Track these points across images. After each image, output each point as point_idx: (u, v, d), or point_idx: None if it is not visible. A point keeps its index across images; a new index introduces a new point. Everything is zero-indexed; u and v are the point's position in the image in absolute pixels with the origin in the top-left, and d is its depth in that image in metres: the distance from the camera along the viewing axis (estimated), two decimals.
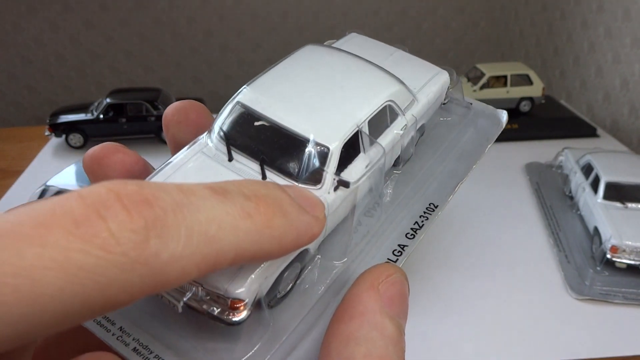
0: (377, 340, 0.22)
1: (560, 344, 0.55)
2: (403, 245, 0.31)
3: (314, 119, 0.29)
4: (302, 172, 0.28)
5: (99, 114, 1.00)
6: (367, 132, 0.30)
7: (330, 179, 0.28)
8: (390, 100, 0.32)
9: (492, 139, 0.39)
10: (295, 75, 0.31)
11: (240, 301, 0.24)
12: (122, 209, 0.17)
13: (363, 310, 0.23)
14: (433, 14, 1.49)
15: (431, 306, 0.60)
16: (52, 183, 0.70)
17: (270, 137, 0.28)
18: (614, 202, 0.69)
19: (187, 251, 0.17)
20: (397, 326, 0.23)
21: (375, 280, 0.24)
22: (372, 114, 0.30)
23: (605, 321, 0.58)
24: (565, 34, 1.27)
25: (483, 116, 0.41)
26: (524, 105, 1.08)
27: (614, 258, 0.63)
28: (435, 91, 0.37)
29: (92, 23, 1.39)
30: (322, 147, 0.28)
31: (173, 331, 0.25)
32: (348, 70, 0.33)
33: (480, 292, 0.62)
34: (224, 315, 0.24)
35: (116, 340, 0.25)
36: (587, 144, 0.99)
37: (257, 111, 0.29)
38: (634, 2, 1.02)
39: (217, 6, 1.41)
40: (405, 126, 0.33)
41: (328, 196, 0.28)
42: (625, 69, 1.06)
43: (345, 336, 0.22)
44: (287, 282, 0.28)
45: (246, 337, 0.25)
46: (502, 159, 0.96)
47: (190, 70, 1.48)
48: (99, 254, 0.16)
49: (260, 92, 0.30)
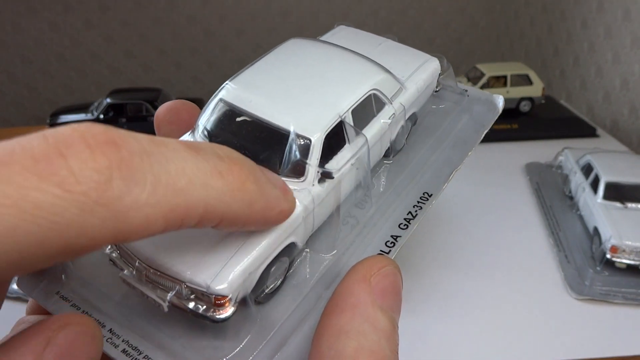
0: (369, 333, 0.21)
1: (560, 344, 0.55)
2: (396, 236, 0.30)
3: (295, 112, 0.28)
4: (284, 165, 0.27)
5: (99, 114, 1.00)
6: (352, 123, 0.29)
7: (314, 171, 0.27)
8: (375, 89, 0.31)
9: (488, 124, 0.38)
10: (278, 69, 0.31)
11: (224, 297, 0.24)
12: (85, 147, 0.16)
13: (355, 303, 0.22)
14: (433, 14, 1.49)
15: (431, 306, 0.60)
16: None
17: (252, 132, 0.28)
18: (613, 202, 0.69)
19: (152, 199, 0.17)
20: (389, 319, 0.23)
21: (367, 273, 0.23)
22: (356, 104, 0.30)
23: (605, 321, 0.58)
24: (565, 34, 1.27)
25: (479, 102, 0.40)
26: (524, 105, 1.08)
27: (614, 258, 0.63)
28: (424, 78, 0.37)
29: (92, 23, 1.39)
30: (303, 139, 0.27)
31: (161, 331, 0.25)
32: (331, 62, 0.32)
33: (480, 292, 0.62)
34: (209, 313, 0.24)
35: (106, 342, 0.25)
36: (587, 144, 0.99)
37: (239, 107, 0.29)
38: (634, 2, 1.02)
39: (217, 6, 1.41)
40: (394, 115, 0.33)
41: (312, 188, 0.27)
42: (625, 69, 1.06)
43: (336, 329, 0.21)
44: (275, 277, 0.27)
45: (233, 334, 0.25)
46: (502, 159, 0.96)
47: (190, 70, 1.48)
48: (57, 192, 0.15)
49: (243, 88, 0.30)
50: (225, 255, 0.24)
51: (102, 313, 0.26)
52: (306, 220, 0.27)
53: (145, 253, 0.25)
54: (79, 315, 0.20)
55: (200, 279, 0.23)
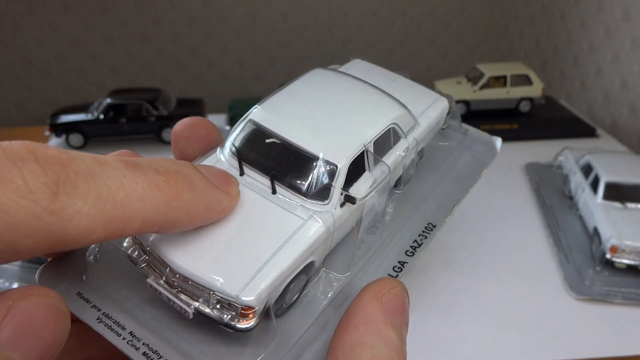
0: (381, 347, 0.23)
1: (560, 344, 0.55)
2: (403, 262, 0.32)
3: (323, 138, 0.30)
4: (311, 188, 0.29)
5: (99, 114, 1.00)
6: (373, 152, 0.31)
7: (338, 195, 0.29)
8: (395, 123, 0.34)
9: (487, 164, 0.41)
10: (305, 96, 0.33)
11: (251, 309, 0.25)
12: (37, 165, 0.19)
13: (368, 319, 0.24)
14: (433, 14, 1.49)
15: (431, 306, 0.60)
16: None
17: (280, 153, 0.30)
18: (613, 202, 0.69)
19: (93, 210, 0.19)
20: (399, 336, 0.25)
21: (379, 292, 0.25)
22: (378, 135, 0.32)
23: (605, 321, 0.58)
24: (565, 34, 1.27)
25: (479, 143, 0.43)
26: (523, 105, 1.08)
27: (614, 258, 0.63)
28: (435, 116, 0.39)
29: (92, 23, 1.39)
30: (330, 165, 0.29)
31: (181, 337, 0.26)
32: (355, 93, 0.34)
33: (480, 291, 0.62)
34: (234, 322, 0.25)
35: (127, 344, 0.25)
36: (586, 144, 0.99)
37: (269, 129, 0.30)
38: (634, 3, 1.02)
39: (217, 7, 1.41)
40: (407, 148, 0.35)
41: (335, 211, 0.29)
42: (625, 69, 1.06)
43: (351, 343, 0.23)
44: (294, 293, 0.28)
45: (254, 344, 0.26)
46: (502, 159, 0.95)
47: (190, 70, 1.48)
48: (12, 197, 0.18)
49: (272, 111, 0.31)
50: (253, 267, 0.26)
51: (123, 313, 0.26)
52: (326, 241, 0.29)
53: (177, 260, 0.26)
54: (43, 287, 0.21)
55: (231, 290, 0.25)
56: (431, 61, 1.53)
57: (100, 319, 0.25)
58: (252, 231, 0.27)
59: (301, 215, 0.28)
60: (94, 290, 0.27)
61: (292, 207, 0.29)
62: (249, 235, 0.27)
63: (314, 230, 0.28)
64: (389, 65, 0.42)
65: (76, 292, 0.27)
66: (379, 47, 1.49)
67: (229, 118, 1.04)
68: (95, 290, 0.27)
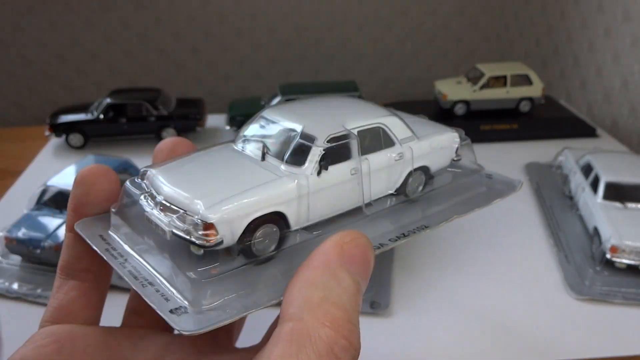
0: (334, 288, 0.25)
1: (560, 344, 0.55)
2: (382, 243, 0.35)
3: (309, 120, 0.37)
4: (290, 155, 0.35)
5: (99, 114, 1.00)
6: (358, 143, 0.36)
7: (313, 163, 0.35)
8: (383, 124, 0.39)
9: (502, 195, 0.44)
10: (309, 103, 0.41)
11: (212, 226, 0.30)
12: None
13: (326, 262, 0.26)
14: (433, 14, 1.49)
15: (430, 305, 0.60)
16: (52, 183, 0.70)
17: (275, 132, 0.37)
18: (613, 202, 0.69)
19: None
20: (354, 282, 0.27)
21: (341, 240, 0.27)
22: (362, 127, 0.37)
23: (605, 321, 0.58)
24: (565, 34, 1.27)
25: (501, 183, 0.47)
26: (524, 105, 1.08)
27: (614, 258, 0.63)
28: (440, 140, 0.43)
29: (92, 23, 1.39)
30: (309, 138, 0.35)
31: (160, 258, 0.32)
32: (352, 104, 0.41)
33: (479, 291, 0.62)
34: (199, 239, 0.30)
35: (119, 264, 0.32)
36: (587, 144, 0.99)
37: (269, 117, 0.38)
38: (634, 2, 1.02)
39: (217, 6, 1.41)
40: (401, 154, 0.40)
41: (310, 176, 0.34)
42: (625, 69, 1.06)
43: (306, 281, 0.26)
44: (265, 240, 0.33)
45: (216, 260, 0.32)
46: (502, 159, 0.96)
47: (190, 70, 1.48)
48: None
49: (278, 109, 0.39)
50: (222, 197, 0.31)
51: (124, 247, 0.33)
52: (300, 200, 0.34)
53: (164, 187, 0.33)
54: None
55: (197, 208, 0.31)
56: (431, 61, 1.53)
57: (107, 249, 0.33)
58: (233, 178, 0.34)
59: (277, 173, 0.34)
60: (111, 234, 0.34)
61: (273, 169, 0.35)
62: (228, 181, 0.33)
63: (284, 183, 0.33)
64: (389, 65, 0.44)
65: (98, 234, 0.34)
66: (379, 47, 1.49)
67: (229, 118, 1.04)
68: (111, 232, 0.34)
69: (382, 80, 1.52)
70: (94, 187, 0.34)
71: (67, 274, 0.33)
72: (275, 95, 1.06)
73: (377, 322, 0.57)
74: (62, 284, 0.33)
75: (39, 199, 0.69)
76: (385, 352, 0.54)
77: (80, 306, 0.33)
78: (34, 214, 0.67)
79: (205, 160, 0.36)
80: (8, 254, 0.65)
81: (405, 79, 1.53)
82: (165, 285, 0.30)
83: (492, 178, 0.46)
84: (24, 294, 0.60)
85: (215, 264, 0.31)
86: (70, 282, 0.33)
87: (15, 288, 0.61)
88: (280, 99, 1.03)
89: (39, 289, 0.61)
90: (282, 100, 1.03)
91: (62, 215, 0.66)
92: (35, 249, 0.62)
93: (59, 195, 0.69)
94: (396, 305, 0.59)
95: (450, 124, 0.46)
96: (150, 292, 0.29)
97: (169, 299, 0.29)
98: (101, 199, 0.34)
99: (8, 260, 0.65)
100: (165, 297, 0.29)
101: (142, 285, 0.30)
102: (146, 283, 0.30)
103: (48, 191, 0.70)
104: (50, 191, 0.69)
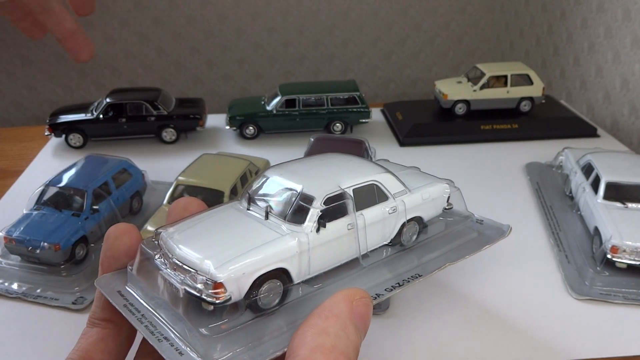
0: (343, 339, 0.29)
1: (560, 344, 0.55)
2: (379, 294, 0.39)
3: (307, 180, 0.40)
4: (291, 215, 0.38)
5: (99, 113, 1.00)
6: (353, 200, 0.40)
7: (312, 221, 0.38)
8: (377, 180, 0.42)
9: (491, 241, 0.48)
10: (305, 160, 0.45)
11: (221, 285, 0.33)
12: None
13: (338, 314, 0.30)
14: (433, 14, 1.49)
15: (430, 306, 0.60)
16: (51, 183, 0.70)
17: (277, 192, 0.40)
18: (614, 202, 0.69)
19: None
20: (359, 336, 0.30)
21: (351, 296, 0.31)
22: (357, 186, 0.41)
23: (605, 321, 0.58)
24: (565, 34, 1.27)
25: (490, 229, 0.50)
26: (524, 105, 1.08)
27: (614, 258, 0.63)
28: (431, 192, 0.47)
29: (92, 23, 1.39)
30: (308, 198, 0.39)
31: (176, 316, 0.35)
32: (348, 162, 0.45)
33: (479, 291, 0.62)
34: (209, 296, 0.33)
35: (136, 320, 0.35)
36: (587, 144, 0.99)
37: (271, 177, 0.42)
38: (634, 2, 1.02)
39: (217, 6, 1.41)
40: (395, 207, 0.43)
41: (310, 233, 0.38)
42: (625, 69, 1.06)
43: (319, 328, 0.29)
44: (269, 294, 0.36)
45: (228, 320, 0.35)
46: (502, 159, 0.96)
47: (190, 70, 1.48)
48: None
49: (279, 169, 0.43)
50: (229, 257, 0.34)
51: (141, 302, 0.36)
52: (301, 256, 0.37)
53: (176, 249, 0.36)
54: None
55: (207, 268, 0.34)
56: (431, 61, 1.53)
57: (125, 305, 0.36)
58: (239, 238, 0.37)
59: (279, 232, 0.37)
60: (129, 291, 0.38)
61: (276, 227, 0.38)
62: (235, 241, 0.36)
63: (286, 241, 0.37)
64: (389, 65, 0.45)
65: (117, 290, 0.37)
66: (379, 46, 1.49)
67: (228, 118, 1.04)
68: (130, 292, 0.38)
69: (382, 80, 1.52)
70: (115, 243, 0.38)
71: (92, 322, 0.38)
72: (275, 95, 1.05)
73: (377, 322, 0.57)
74: (87, 330, 0.37)
75: (38, 198, 0.69)
76: (385, 352, 0.54)
77: (99, 350, 0.36)
78: (33, 214, 0.67)
79: (213, 220, 0.39)
80: (7, 254, 0.65)
81: (405, 78, 1.53)
82: (180, 341, 0.32)
83: (483, 223, 0.50)
84: (23, 294, 0.60)
85: (225, 320, 0.34)
86: (94, 329, 0.37)
87: (15, 288, 0.61)
88: (280, 99, 1.03)
89: (38, 289, 0.61)
90: (282, 100, 1.03)
91: (61, 215, 0.66)
92: (35, 249, 0.62)
93: (59, 196, 0.69)
94: (396, 306, 0.59)
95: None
96: (165, 346, 0.32)
97: (183, 353, 0.32)
98: (122, 253, 0.38)
99: (7, 261, 0.65)
100: (179, 351, 0.32)
101: (158, 340, 0.33)
102: (162, 338, 0.33)
103: (48, 191, 0.69)
104: (49, 191, 0.69)
